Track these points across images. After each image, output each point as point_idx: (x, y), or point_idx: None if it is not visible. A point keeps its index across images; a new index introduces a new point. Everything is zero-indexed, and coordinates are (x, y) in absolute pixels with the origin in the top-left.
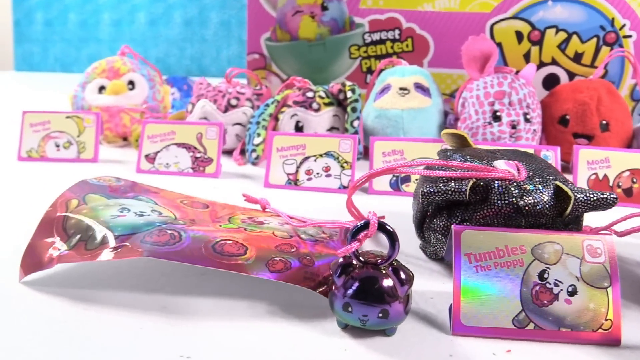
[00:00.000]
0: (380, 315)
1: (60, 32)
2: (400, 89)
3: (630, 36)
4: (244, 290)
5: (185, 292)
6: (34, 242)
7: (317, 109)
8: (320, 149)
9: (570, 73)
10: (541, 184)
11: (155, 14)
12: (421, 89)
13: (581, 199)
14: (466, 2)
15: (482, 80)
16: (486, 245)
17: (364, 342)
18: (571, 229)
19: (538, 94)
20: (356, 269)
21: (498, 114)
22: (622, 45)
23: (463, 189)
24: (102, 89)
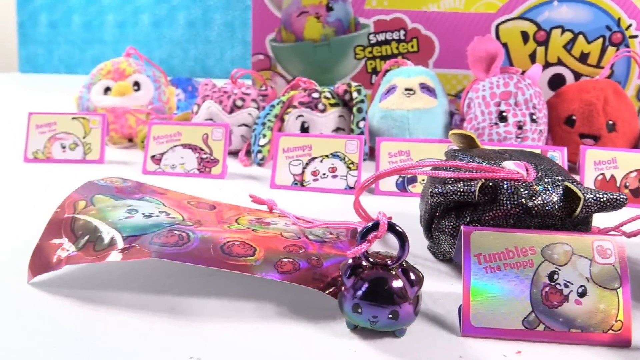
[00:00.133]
0: (390, 316)
1: (64, 34)
2: (406, 89)
3: (636, 36)
4: (252, 291)
5: (193, 293)
6: (42, 243)
7: (323, 110)
8: (326, 150)
9: (576, 73)
10: (550, 184)
11: (159, 15)
12: (427, 89)
13: (591, 199)
14: (471, 2)
15: (488, 80)
16: (496, 246)
17: (373, 343)
18: (580, 230)
19: (544, 94)
20: (366, 270)
21: (504, 114)
22: (628, 46)
23: (472, 189)
24: (107, 90)
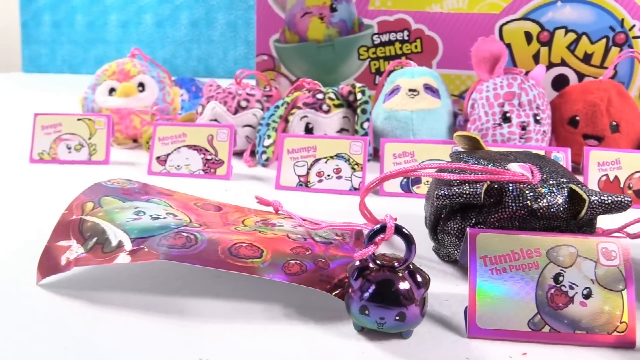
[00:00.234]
0: (397, 318)
1: (67, 34)
2: (410, 90)
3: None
4: (259, 292)
5: (201, 295)
6: (51, 244)
7: (327, 111)
8: (331, 151)
9: (579, 74)
10: (555, 186)
11: (162, 15)
12: (430, 90)
13: (596, 202)
14: (475, 3)
15: (492, 81)
16: (501, 248)
17: (380, 344)
18: (584, 231)
19: (547, 95)
20: (373, 272)
21: (508, 115)
22: (631, 46)
23: (478, 191)
24: (112, 91)
